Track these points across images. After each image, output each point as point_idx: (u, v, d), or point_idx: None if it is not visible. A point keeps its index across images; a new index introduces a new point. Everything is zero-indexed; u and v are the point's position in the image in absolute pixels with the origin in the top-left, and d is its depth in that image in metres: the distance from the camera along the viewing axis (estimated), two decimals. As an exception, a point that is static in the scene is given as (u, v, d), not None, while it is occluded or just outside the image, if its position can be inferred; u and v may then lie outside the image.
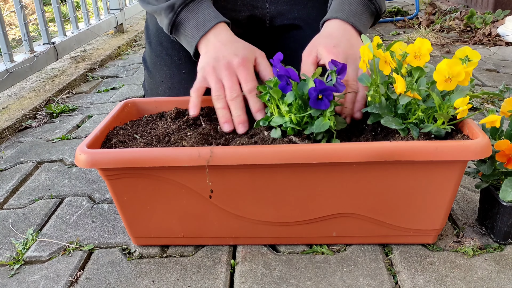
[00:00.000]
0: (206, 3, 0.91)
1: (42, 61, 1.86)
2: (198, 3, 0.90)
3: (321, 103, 0.69)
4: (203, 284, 0.72)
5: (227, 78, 0.81)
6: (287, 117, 0.72)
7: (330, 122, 0.69)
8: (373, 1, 0.91)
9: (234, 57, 0.82)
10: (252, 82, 0.81)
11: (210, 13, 0.90)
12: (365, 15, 0.90)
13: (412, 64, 0.69)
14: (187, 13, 0.89)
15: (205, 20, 0.88)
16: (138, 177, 0.72)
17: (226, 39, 0.87)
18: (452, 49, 2.15)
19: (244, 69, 0.81)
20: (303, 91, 0.71)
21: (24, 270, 0.79)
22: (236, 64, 0.82)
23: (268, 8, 1.08)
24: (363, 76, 0.75)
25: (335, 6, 0.91)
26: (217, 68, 0.82)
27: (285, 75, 0.71)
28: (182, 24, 0.90)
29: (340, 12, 0.89)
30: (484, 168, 0.76)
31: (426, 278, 0.71)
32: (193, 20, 0.89)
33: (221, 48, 0.85)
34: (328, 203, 0.73)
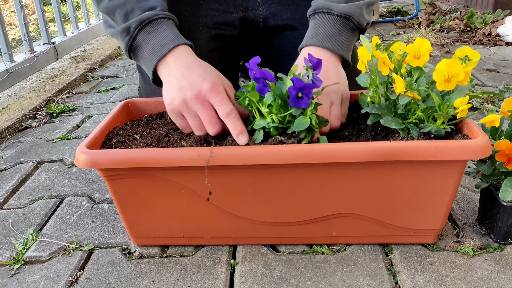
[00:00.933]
0: (164, 24, 0.83)
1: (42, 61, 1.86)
2: (155, 25, 0.82)
3: (301, 102, 0.68)
4: (203, 284, 0.72)
5: (201, 111, 0.75)
6: (268, 118, 0.72)
7: (310, 121, 0.69)
8: (350, 18, 0.85)
9: (203, 83, 0.75)
10: (226, 105, 0.74)
11: (168, 35, 0.82)
12: (344, 34, 0.86)
13: (412, 64, 0.69)
14: (144, 36, 0.82)
15: (163, 43, 0.81)
16: (138, 177, 0.72)
17: (187, 63, 0.79)
18: (452, 49, 2.15)
19: (216, 93, 0.74)
20: (281, 90, 0.71)
21: (24, 270, 0.79)
22: (206, 91, 0.74)
23: (261, 9, 1.08)
24: (362, 76, 0.75)
25: (310, 31, 0.87)
26: (187, 101, 0.75)
27: (261, 77, 0.70)
28: (139, 47, 0.83)
29: (315, 38, 0.85)
30: (484, 168, 0.76)
31: (426, 278, 0.71)
32: (150, 43, 0.82)
33: (184, 73, 0.77)
34: (328, 203, 0.73)
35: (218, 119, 0.75)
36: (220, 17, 1.06)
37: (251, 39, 1.13)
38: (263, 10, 1.08)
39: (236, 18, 1.07)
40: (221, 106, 0.74)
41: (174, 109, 0.77)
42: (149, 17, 0.82)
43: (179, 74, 0.78)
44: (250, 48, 1.18)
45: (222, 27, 1.07)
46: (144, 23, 0.82)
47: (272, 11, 1.08)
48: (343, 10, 0.85)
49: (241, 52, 1.19)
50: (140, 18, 0.82)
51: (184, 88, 0.76)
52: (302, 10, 1.09)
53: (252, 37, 1.13)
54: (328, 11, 0.85)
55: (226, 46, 1.09)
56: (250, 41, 1.14)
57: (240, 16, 1.07)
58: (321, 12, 0.86)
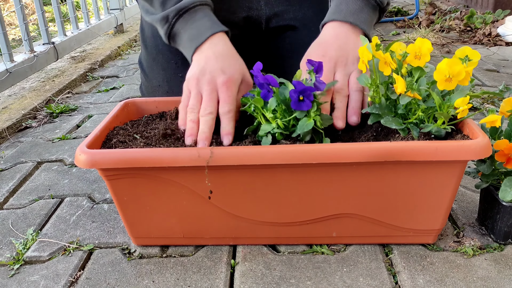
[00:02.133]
0: (201, 12, 0.87)
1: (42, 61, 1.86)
2: (192, 13, 0.86)
3: (303, 104, 0.69)
4: (203, 284, 0.72)
5: (206, 94, 0.78)
6: (273, 123, 0.72)
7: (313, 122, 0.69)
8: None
9: (220, 75, 0.79)
10: (229, 104, 0.77)
11: (205, 23, 0.86)
12: (366, 10, 0.87)
13: (413, 64, 0.69)
14: (182, 24, 0.86)
15: (200, 31, 0.85)
16: (138, 177, 0.72)
17: (220, 52, 0.83)
18: (452, 49, 2.15)
19: (226, 89, 0.77)
20: (284, 95, 0.71)
21: (24, 270, 0.79)
22: (220, 82, 0.78)
23: (264, 9, 1.08)
24: (362, 76, 0.75)
25: (332, 8, 0.89)
26: (200, 81, 0.79)
27: (265, 83, 0.71)
28: (178, 35, 0.87)
29: (337, 13, 0.86)
30: (483, 168, 0.76)
31: (426, 278, 0.71)
32: (188, 31, 0.86)
33: (211, 61, 0.81)
34: (328, 203, 0.73)
35: (215, 108, 0.77)
36: (223, 16, 1.06)
37: (253, 39, 1.13)
38: (266, 11, 1.08)
39: (239, 18, 1.07)
40: (224, 102, 0.77)
41: (187, 81, 0.81)
42: (187, 6, 0.86)
43: (207, 58, 0.81)
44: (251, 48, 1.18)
45: None
46: (181, 11, 0.86)
47: (275, 11, 1.08)
48: None
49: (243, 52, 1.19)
50: (177, 7, 0.86)
51: (205, 71, 0.80)
52: (305, 11, 1.09)
53: (254, 37, 1.13)
54: None
55: None
56: (252, 41, 1.14)
57: (243, 16, 1.07)
58: None
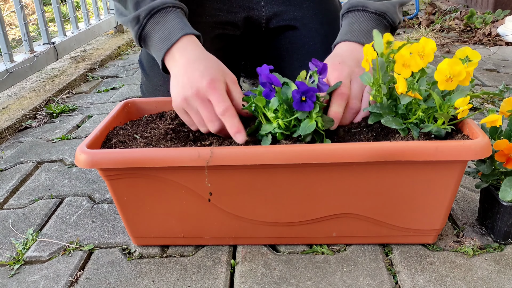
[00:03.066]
0: (173, 13, 0.84)
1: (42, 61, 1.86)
2: (164, 14, 0.83)
3: (305, 105, 0.69)
4: (203, 284, 0.72)
5: (201, 109, 0.75)
6: (274, 123, 0.72)
7: (315, 123, 0.69)
8: (384, 15, 0.86)
9: (201, 80, 0.75)
10: (223, 102, 0.73)
11: (177, 24, 0.82)
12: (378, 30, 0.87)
13: (413, 63, 0.69)
14: (153, 25, 0.83)
15: (171, 32, 0.82)
16: (138, 177, 0.72)
17: (192, 57, 0.79)
18: (452, 49, 2.15)
19: (213, 91, 0.74)
20: (287, 95, 0.71)
21: (24, 270, 0.79)
22: (205, 88, 0.74)
23: (264, 10, 1.08)
24: (365, 75, 0.74)
25: (344, 28, 0.87)
26: (189, 99, 0.76)
27: (267, 82, 0.70)
28: (149, 36, 0.84)
29: (350, 34, 0.85)
30: (483, 168, 0.76)
31: (426, 278, 0.71)
32: (159, 32, 0.82)
33: (187, 69, 0.77)
34: (328, 203, 0.73)
35: (217, 116, 0.75)
36: (223, 17, 1.06)
37: (253, 39, 1.13)
38: (266, 11, 1.08)
39: (240, 18, 1.07)
40: (218, 103, 0.74)
41: (178, 105, 0.78)
42: (158, 5, 0.83)
43: (183, 69, 0.78)
44: (251, 48, 1.18)
45: (226, 27, 1.07)
46: (153, 11, 0.83)
47: (275, 11, 1.08)
48: (378, 7, 0.86)
49: (243, 52, 1.19)
50: (149, 7, 0.83)
51: (185, 85, 0.76)
52: (305, 11, 1.09)
53: (254, 37, 1.13)
54: (363, 9, 0.86)
55: (228, 46, 1.10)
56: (252, 41, 1.14)
57: (243, 16, 1.07)
58: (356, 10, 0.87)
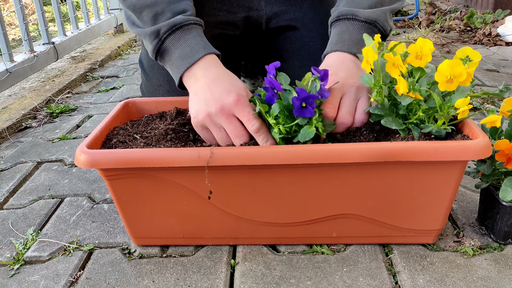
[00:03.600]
0: (195, 31, 0.82)
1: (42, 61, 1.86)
2: (186, 31, 0.81)
3: (306, 111, 0.69)
4: (203, 284, 0.72)
5: (227, 125, 0.74)
6: (275, 129, 0.72)
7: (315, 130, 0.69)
8: (375, 23, 0.83)
9: (228, 97, 0.73)
10: (255, 120, 0.72)
11: (199, 42, 0.81)
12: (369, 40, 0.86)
13: (413, 64, 0.69)
14: (173, 41, 0.81)
15: (192, 50, 0.80)
16: (138, 177, 0.72)
17: (215, 75, 0.77)
18: (452, 49, 2.15)
19: (242, 108, 0.73)
20: (288, 100, 0.71)
21: (24, 270, 0.79)
22: (232, 105, 0.73)
23: (264, 10, 1.08)
24: (365, 76, 0.74)
25: (334, 37, 0.85)
26: (212, 115, 0.74)
27: (270, 87, 0.70)
28: (168, 52, 0.82)
29: (340, 43, 0.83)
30: (484, 168, 0.76)
31: (426, 278, 0.71)
32: (179, 49, 0.80)
33: (210, 86, 0.76)
34: (328, 203, 0.73)
35: (245, 131, 0.74)
36: (223, 16, 1.06)
37: (253, 39, 1.13)
38: (266, 11, 1.08)
39: (240, 18, 1.07)
40: (250, 121, 0.72)
41: (199, 122, 0.76)
42: (181, 22, 0.81)
43: (206, 86, 0.76)
44: (251, 48, 1.18)
45: (225, 27, 1.07)
46: (175, 27, 0.81)
47: (275, 11, 1.08)
48: (368, 15, 0.83)
49: (243, 52, 1.19)
50: (171, 22, 0.81)
51: (209, 101, 0.74)
52: (305, 11, 1.09)
53: (254, 37, 1.13)
54: (354, 17, 0.83)
55: (228, 46, 1.09)
56: (252, 41, 1.14)
57: (243, 16, 1.07)
58: (346, 18, 0.84)
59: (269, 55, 1.15)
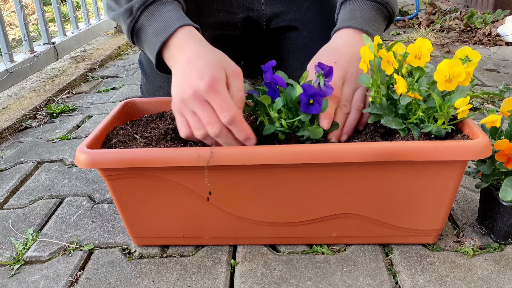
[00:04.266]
0: (170, 5, 0.78)
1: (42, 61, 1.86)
2: (160, 5, 0.77)
3: (312, 108, 0.68)
4: (203, 284, 0.72)
5: (199, 111, 0.69)
6: (277, 123, 0.72)
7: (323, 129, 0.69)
8: (385, 4, 0.85)
9: (200, 82, 0.68)
10: (228, 110, 0.67)
11: (173, 16, 0.76)
12: (378, 20, 0.85)
13: (413, 64, 0.69)
14: (147, 17, 0.77)
15: (167, 23, 0.75)
16: (138, 177, 0.72)
17: (190, 54, 0.72)
18: (452, 49, 2.15)
19: (214, 94, 0.67)
20: (291, 96, 0.71)
21: (24, 270, 0.79)
22: (204, 91, 0.67)
23: (264, 10, 1.08)
24: (363, 76, 0.75)
25: (346, 14, 0.85)
26: (185, 100, 0.70)
27: (272, 82, 0.70)
28: (142, 29, 0.78)
29: (353, 20, 0.83)
30: (484, 168, 0.76)
31: (426, 278, 0.71)
32: (154, 24, 0.76)
33: (185, 68, 0.71)
34: (328, 203, 0.73)
35: (218, 119, 0.69)
36: (223, 17, 1.06)
37: (253, 39, 1.13)
38: (266, 11, 1.07)
39: (240, 18, 1.07)
40: (222, 111, 0.67)
41: (175, 107, 0.73)
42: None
43: (182, 67, 0.72)
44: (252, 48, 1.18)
45: (225, 28, 1.07)
46: (147, 2, 0.77)
47: (275, 12, 1.08)
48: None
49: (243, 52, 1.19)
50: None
51: (183, 86, 0.70)
52: (305, 11, 1.09)
53: (255, 38, 1.13)
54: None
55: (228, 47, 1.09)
56: (252, 41, 1.14)
57: (243, 16, 1.07)
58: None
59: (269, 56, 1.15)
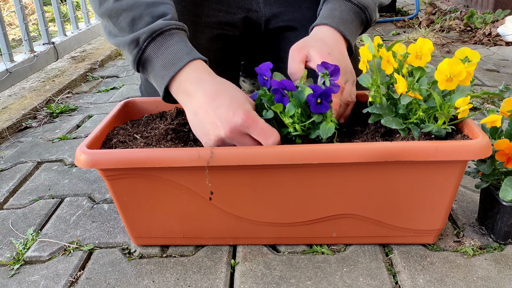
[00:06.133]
0: (177, 36, 0.76)
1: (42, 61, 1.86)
2: (167, 37, 0.75)
3: (321, 107, 0.69)
4: (203, 284, 0.72)
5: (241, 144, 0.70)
6: (291, 128, 0.72)
7: (333, 124, 0.70)
8: (364, 10, 0.87)
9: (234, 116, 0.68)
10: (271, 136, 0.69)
11: (182, 48, 0.75)
12: (355, 23, 0.87)
13: (413, 64, 0.69)
14: (155, 49, 0.75)
15: (176, 57, 0.74)
16: (138, 177, 0.72)
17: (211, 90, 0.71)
18: (452, 49, 2.15)
19: (253, 124, 0.68)
20: (299, 99, 0.71)
21: (24, 270, 0.79)
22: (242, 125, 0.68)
23: (263, 11, 1.08)
24: (363, 76, 0.75)
25: (325, 12, 0.87)
26: (223, 139, 0.70)
27: (279, 88, 0.70)
28: (149, 61, 0.76)
29: (330, 19, 0.85)
30: (484, 168, 0.76)
31: (426, 278, 0.71)
32: (162, 57, 0.74)
33: (211, 105, 0.70)
34: (328, 203, 0.73)
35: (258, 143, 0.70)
36: (222, 17, 1.06)
37: (252, 40, 1.13)
38: (265, 12, 1.08)
39: (239, 19, 1.07)
40: (266, 139, 0.69)
41: (211, 145, 0.72)
42: (161, 28, 0.75)
43: (205, 105, 0.70)
44: (251, 48, 1.18)
45: (224, 28, 1.07)
46: (155, 34, 0.75)
47: (274, 12, 1.08)
48: (360, 0, 0.87)
49: (242, 52, 1.19)
50: (150, 29, 0.75)
51: (216, 124, 0.69)
52: (304, 12, 1.09)
53: (254, 38, 1.13)
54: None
55: (227, 47, 1.09)
56: (251, 41, 1.14)
57: (242, 17, 1.07)
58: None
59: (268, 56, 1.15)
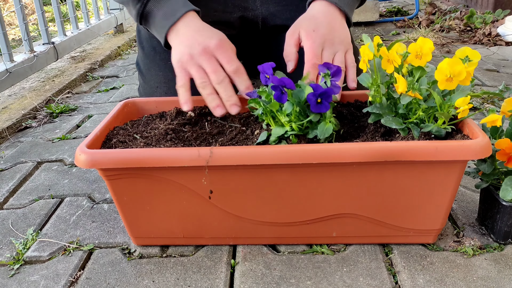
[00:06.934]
0: None
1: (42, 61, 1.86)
2: None
3: (321, 107, 0.69)
4: (203, 284, 0.72)
5: (207, 63, 0.80)
6: (287, 127, 0.72)
7: (332, 125, 0.69)
8: None
9: (210, 41, 0.81)
10: (235, 62, 0.79)
11: (179, 1, 0.88)
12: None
13: (414, 63, 0.69)
14: (155, 3, 0.88)
15: (174, 9, 0.86)
16: (138, 177, 0.72)
17: (197, 27, 0.85)
18: (452, 49, 2.15)
19: (223, 50, 0.80)
20: (299, 98, 0.71)
21: (24, 270, 0.79)
22: (214, 47, 0.80)
23: (260, 10, 1.08)
24: (363, 76, 0.75)
25: None
26: (194, 55, 0.81)
27: (279, 85, 0.70)
28: (151, 14, 0.89)
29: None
30: (484, 167, 0.76)
31: (426, 278, 0.71)
32: (162, 9, 0.87)
33: (193, 35, 0.83)
34: (328, 203, 0.73)
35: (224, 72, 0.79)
36: (219, 16, 1.06)
37: (250, 39, 1.13)
38: (262, 11, 1.08)
39: (235, 18, 1.07)
40: (229, 62, 0.79)
41: (179, 62, 0.82)
42: None
43: (190, 35, 0.83)
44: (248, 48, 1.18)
45: (221, 27, 1.07)
46: None
47: (271, 11, 1.08)
48: None
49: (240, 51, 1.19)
50: None
51: (192, 44, 0.81)
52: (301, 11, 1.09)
53: (251, 37, 1.13)
54: None
55: None
56: (249, 41, 1.14)
57: (238, 16, 1.07)
58: None
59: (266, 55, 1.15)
